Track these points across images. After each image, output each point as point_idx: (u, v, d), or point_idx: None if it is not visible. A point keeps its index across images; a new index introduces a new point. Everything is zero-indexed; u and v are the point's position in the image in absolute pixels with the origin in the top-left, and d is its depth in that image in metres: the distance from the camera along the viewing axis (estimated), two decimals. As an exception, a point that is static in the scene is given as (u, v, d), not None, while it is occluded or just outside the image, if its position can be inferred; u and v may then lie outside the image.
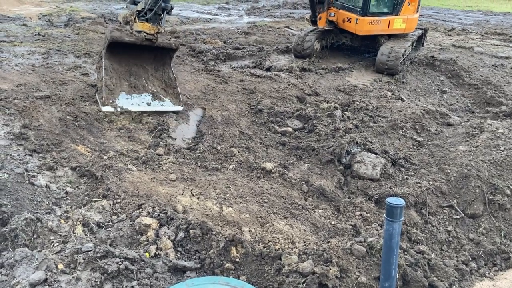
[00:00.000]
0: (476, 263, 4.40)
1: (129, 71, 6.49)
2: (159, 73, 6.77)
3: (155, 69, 6.74)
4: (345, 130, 6.27)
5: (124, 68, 6.43)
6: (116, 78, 6.29)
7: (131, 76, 6.49)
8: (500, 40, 15.09)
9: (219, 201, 4.39)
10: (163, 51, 6.59)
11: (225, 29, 13.97)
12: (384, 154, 5.74)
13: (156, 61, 6.70)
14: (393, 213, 2.95)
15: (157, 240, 3.71)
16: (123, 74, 6.41)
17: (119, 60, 6.33)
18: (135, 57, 6.49)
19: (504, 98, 8.39)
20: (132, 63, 6.47)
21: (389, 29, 10.10)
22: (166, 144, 5.62)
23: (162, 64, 6.77)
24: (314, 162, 5.60)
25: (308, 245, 3.86)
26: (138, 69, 6.57)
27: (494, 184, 5.12)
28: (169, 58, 6.79)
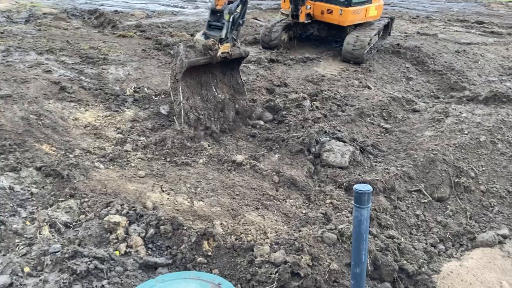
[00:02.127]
0: (444, 245, 4.52)
1: (200, 82, 6.28)
2: (227, 78, 6.62)
3: (222, 73, 6.57)
4: (314, 120, 6.30)
5: (195, 80, 6.21)
6: (190, 95, 6.06)
7: (202, 88, 6.28)
8: (462, 26, 15.45)
9: (189, 196, 4.36)
10: (233, 60, 6.48)
11: (192, 21, 13.81)
12: (352, 142, 5.81)
13: (223, 65, 6.49)
14: (361, 200, 2.99)
15: (127, 237, 3.66)
16: (195, 88, 6.20)
17: (190, 74, 6.08)
18: (205, 66, 6.25)
19: (467, 83, 8.61)
20: (202, 71, 6.24)
21: (366, 17, 10.28)
22: (134, 140, 5.53)
23: (230, 69, 6.62)
24: (284, 152, 5.62)
25: (280, 235, 3.88)
26: (207, 78, 6.37)
27: (459, 167, 5.26)
28: (237, 64, 6.71)
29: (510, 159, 5.44)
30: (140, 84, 7.27)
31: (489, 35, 14.15)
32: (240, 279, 3.44)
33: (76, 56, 8.22)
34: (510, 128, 5.89)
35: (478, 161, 5.39)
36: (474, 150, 5.49)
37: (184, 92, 5.93)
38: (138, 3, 17.38)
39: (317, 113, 6.55)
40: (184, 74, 5.86)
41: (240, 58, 6.54)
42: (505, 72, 9.82)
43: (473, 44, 12.30)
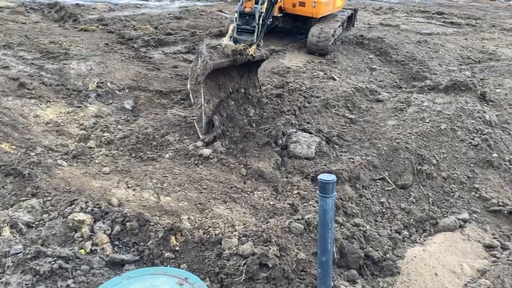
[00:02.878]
0: (408, 231, 4.65)
1: (218, 84, 5.99)
2: (244, 80, 6.30)
3: (240, 75, 6.25)
4: (282, 112, 6.32)
5: (214, 82, 5.92)
6: (211, 98, 5.77)
7: (220, 90, 5.98)
8: (423, 17, 15.82)
9: (156, 191, 4.32)
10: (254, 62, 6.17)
11: (156, 14, 13.60)
12: (318, 133, 5.88)
13: (242, 67, 6.17)
14: (325, 189, 3.04)
15: (93, 235, 3.60)
16: (214, 90, 5.90)
17: (210, 76, 5.81)
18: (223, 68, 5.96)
19: (428, 72, 8.83)
20: (219, 72, 5.93)
21: (334, 8, 10.39)
22: (98, 136, 5.42)
23: (248, 70, 6.32)
24: (251, 145, 5.63)
25: (247, 227, 3.90)
26: (225, 79, 6.06)
27: (421, 155, 5.40)
28: (256, 66, 6.43)
29: (469, 145, 5.62)
30: (103, 79, 7.12)
31: (449, 26, 14.56)
32: (208, 272, 3.45)
33: (35, 51, 7.96)
34: (469, 115, 6.09)
35: (439, 149, 5.55)
36: (435, 138, 5.64)
37: (205, 95, 5.67)
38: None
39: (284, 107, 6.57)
40: (208, 77, 5.62)
41: (260, 61, 6.30)
42: (464, 62, 10.12)
43: (434, 35, 12.62)
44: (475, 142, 5.63)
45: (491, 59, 10.31)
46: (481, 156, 5.51)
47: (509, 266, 4.04)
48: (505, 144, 5.82)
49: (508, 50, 11.27)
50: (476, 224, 4.83)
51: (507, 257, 4.16)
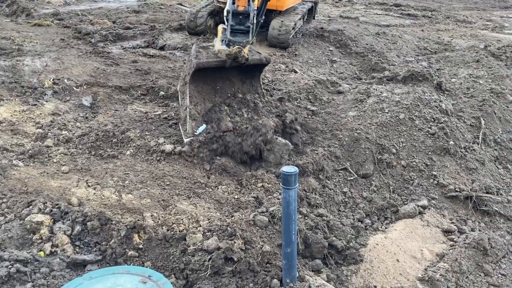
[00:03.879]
0: (370, 219, 4.75)
1: (215, 88, 5.66)
2: (246, 86, 5.96)
3: (241, 81, 5.92)
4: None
5: (209, 85, 5.60)
6: (201, 101, 5.46)
7: (216, 95, 5.64)
8: (381, 9, 16.13)
9: (117, 189, 4.24)
10: (253, 67, 5.84)
11: (114, 8, 13.30)
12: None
13: (243, 72, 5.89)
14: (288, 181, 3.07)
15: (52, 237, 3.50)
16: (208, 94, 5.57)
17: (204, 78, 5.50)
18: (222, 71, 5.63)
19: (386, 64, 9.02)
20: (218, 77, 5.63)
21: (295, 1, 10.42)
22: (55, 135, 5.26)
23: (250, 77, 5.97)
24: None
25: (212, 222, 3.88)
26: (223, 84, 5.73)
27: (381, 144, 5.52)
28: (258, 72, 6.05)
29: (427, 134, 5.79)
30: (59, 76, 6.90)
31: (406, 17, 14.91)
32: (173, 269, 3.41)
33: (-14, 48, 7.64)
34: (426, 105, 6.26)
35: (399, 138, 5.68)
36: (395, 128, 5.78)
37: (193, 97, 5.40)
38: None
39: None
40: (194, 77, 5.32)
41: (260, 65, 5.92)
42: (420, 52, 10.40)
43: (392, 26, 12.90)
44: (432, 130, 5.79)
45: (446, 50, 10.63)
46: (438, 144, 5.68)
47: (466, 249, 4.20)
48: (461, 131, 6.02)
49: (462, 41, 11.66)
50: (435, 210, 4.99)
51: (463, 241, 4.32)
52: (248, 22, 5.58)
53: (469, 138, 6.01)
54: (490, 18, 15.75)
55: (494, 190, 5.27)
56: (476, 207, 5.10)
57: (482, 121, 6.31)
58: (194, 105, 5.40)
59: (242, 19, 5.58)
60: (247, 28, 5.58)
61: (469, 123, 6.28)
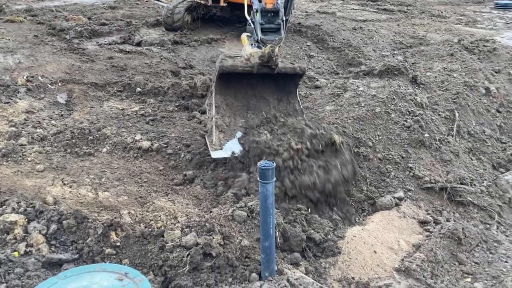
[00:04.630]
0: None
1: (247, 105, 5.22)
2: (283, 104, 5.45)
3: (278, 99, 5.44)
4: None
5: (240, 102, 5.19)
6: (231, 115, 5.06)
7: (249, 111, 5.22)
8: (358, 4, 16.25)
9: (94, 187, 4.19)
10: (287, 77, 5.32)
11: (89, 4, 13.10)
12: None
13: (279, 90, 5.45)
14: (265, 176, 3.09)
15: (27, 236, 3.44)
16: (239, 110, 5.16)
17: (234, 93, 5.12)
18: (254, 87, 5.25)
19: (363, 58, 9.10)
20: (251, 94, 5.22)
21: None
22: (30, 133, 5.16)
23: (286, 93, 5.48)
24: (192, 135, 5.57)
25: (190, 218, 3.87)
26: (257, 102, 5.28)
27: (358, 138, 5.58)
28: (294, 85, 5.50)
29: (402, 127, 5.87)
30: (33, 73, 6.77)
31: (382, 12, 15.05)
32: (152, 266, 3.40)
33: (-45, 45, 7.45)
34: (402, 98, 6.34)
35: (375, 131, 5.75)
36: (371, 121, 5.84)
37: (220, 108, 5.03)
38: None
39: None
40: (219, 85, 4.98)
41: (294, 76, 5.36)
42: (396, 47, 10.52)
43: (368, 21, 13.00)
44: (408, 123, 5.88)
45: (422, 44, 10.77)
46: (414, 136, 5.77)
47: (441, 239, 4.28)
48: (436, 124, 6.12)
49: (437, 35, 11.84)
50: (411, 202, 5.07)
51: (438, 231, 4.41)
52: (278, 19, 5.39)
53: (444, 130, 6.12)
54: (464, 13, 16.04)
55: (468, 181, 5.39)
56: (451, 198, 5.20)
57: (456, 113, 6.43)
58: (221, 116, 5.03)
59: (271, 17, 5.37)
60: (277, 25, 5.37)
61: (444, 116, 6.39)
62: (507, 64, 8.67)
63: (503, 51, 9.44)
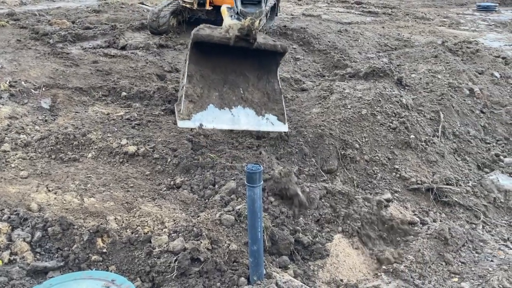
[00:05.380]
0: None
1: (225, 79, 5.12)
2: (262, 82, 5.33)
3: (258, 77, 5.31)
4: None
5: (218, 75, 5.07)
6: (205, 87, 4.92)
7: (225, 85, 5.11)
8: (343, 7, 16.37)
9: (79, 193, 4.13)
10: (268, 55, 5.21)
11: (73, 8, 12.98)
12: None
13: (260, 67, 5.32)
14: (252, 179, 3.08)
15: (11, 244, 3.38)
16: (215, 83, 5.03)
17: (212, 66, 5.00)
18: (234, 62, 5.14)
19: (349, 60, 9.15)
20: (230, 69, 5.11)
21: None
22: (13, 139, 5.08)
23: (267, 71, 5.35)
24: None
25: (178, 223, 3.84)
26: (236, 77, 5.18)
27: (344, 140, 5.60)
28: (275, 64, 5.38)
29: (388, 129, 5.91)
30: (16, 78, 6.67)
31: (367, 15, 15.17)
32: (139, 272, 3.36)
33: None
34: (387, 100, 6.39)
35: (361, 133, 5.78)
36: (357, 123, 5.87)
37: (193, 78, 4.89)
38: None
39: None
40: (195, 54, 4.84)
41: (276, 54, 5.25)
42: (381, 49, 10.61)
43: (354, 24, 13.10)
44: (394, 125, 5.92)
45: (406, 46, 10.88)
46: (400, 138, 5.82)
47: (428, 239, 4.32)
48: (421, 125, 6.18)
49: (421, 37, 11.96)
50: (398, 203, 5.10)
51: (425, 232, 4.44)
52: None
53: (429, 131, 6.18)
54: (447, 15, 16.24)
55: (453, 181, 5.45)
56: (437, 198, 5.25)
57: (441, 114, 6.50)
58: (193, 86, 4.90)
59: None
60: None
61: (429, 117, 6.46)
62: (490, 65, 8.80)
63: (486, 52, 9.58)
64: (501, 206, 5.35)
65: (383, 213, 4.66)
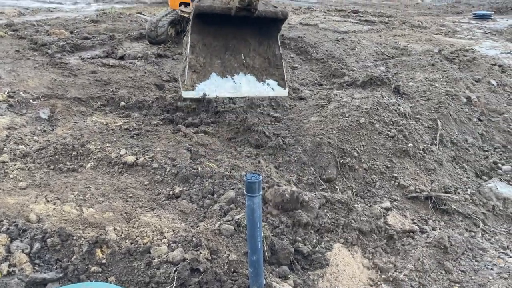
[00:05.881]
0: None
1: (226, 46, 5.24)
2: (263, 48, 5.48)
3: (259, 43, 5.45)
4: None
5: (219, 42, 5.19)
6: (207, 55, 5.06)
7: (227, 52, 5.23)
8: (340, 16, 16.47)
9: (78, 204, 4.13)
10: (269, 22, 5.33)
11: (71, 18, 13.03)
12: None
13: (261, 33, 5.42)
14: (252, 189, 3.08)
15: (9, 256, 3.36)
16: (217, 51, 5.17)
17: (214, 32, 5.09)
18: (235, 28, 5.24)
19: (346, 69, 9.20)
20: (231, 35, 5.21)
21: None
22: (12, 150, 5.08)
23: (268, 37, 5.48)
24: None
25: (177, 233, 3.83)
26: (238, 43, 5.30)
27: (343, 148, 5.61)
28: (276, 30, 5.50)
29: (386, 137, 5.93)
30: (15, 88, 6.68)
31: (364, 23, 15.27)
32: (138, 283, 3.35)
33: None
34: (385, 108, 6.41)
35: (360, 142, 5.79)
36: (356, 132, 5.89)
37: (196, 48, 5.02)
38: (9, 0, 15.96)
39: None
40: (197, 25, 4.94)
41: (277, 21, 5.35)
42: (378, 57, 10.66)
43: (350, 32, 13.17)
44: (392, 133, 5.94)
45: (403, 54, 10.94)
46: (398, 146, 5.83)
47: (427, 248, 4.32)
48: (419, 134, 6.20)
49: (418, 45, 12.03)
50: (397, 211, 5.10)
51: (425, 240, 4.44)
52: None
53: (427, 139, 6.20)
54: (443, 23, 16.35)
55: (452, 189, 5.45)
56: (436, 206, 5.25)
57: (438, 122, 6.52)
58: (196, 56, 5.05)
59: None
60: None
61: (427, 125, 6.48)
62: (486, 73, 8.84)
63: (483, 60, 9.64)
64: (500, 214, 5.35)
65: (382, 221, 4.66)
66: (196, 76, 5.00)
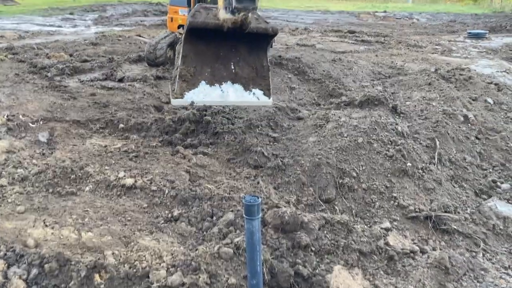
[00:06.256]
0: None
1: (217, 54, 5.49)
2: (252, 58, 5.76)
3: (248, 53, 5.74)
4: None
5: (211, 50, 5.45)
6: (198, 64, 5.32)
7: (218, 61, 5.50)
8: (337, 36, 16.66)
9: (76, 228, 4.11)
10: (260, 37, 5.59)
11: (71, 41, 13.18)
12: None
13: (252, 46, 5.70)
14: (251, 211, 3.07)
15: (6, 282, 3.34)
16: (208, 59, 5.43)
17: (206, 42, 5.33)
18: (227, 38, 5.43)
19: (343, 89, 9.27)
20: (223, 45, 5.46)
21: None
22: (10, 173, 5.07)
23: (257, 49, 5.78)
24: (176, 171, 5.54)
25: (176, 257, 3.81)
26: (228, 52, 5.57)
27: (342, 168, 5.61)
28: (266, 43, 5.84)
29: (385, 157, 5.93)
30: (14, 112, 6.72)
31: (361, 43, 15.45)
32: (137, 308, 3.31)
33: None
34: (383, 128, 6.44)
35: (358, 161, 5.80)
36: (354, 152, 5.89)
37: (187, 58, 5.30)
38: (9, 23, 16.16)
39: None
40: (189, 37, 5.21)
41: (267, 36, 5.64)
42: (375, 77, 10.75)
43: (347, 53, 13.32)
44: (390, 153, 5.94)
45: (400, 74, 11.04)
46: (397, 166, 5.83)
47: (428, 269, 4.28)
48: (417, 153, 6.20)
49: (414, 65, 12.15)
50: (397, 232, 5.07)
51: (425, 261, 4.41)
52: None
53: (426, 158, 6.20)
54: (439, 42, 16.54)
55: (452, 208, 5.43)
56: (436, 226, 5.22)
57: (437, 141, 6.53)
58: (186, 66, 5.32)
59: None
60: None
61: (425, 144, 6.49)
62: (483, 91, 8.91)
63: (479, 79, 9.72)
64: (500, 233, 5.32)
65: (383, 242, 4.63)
66: (185, 85, 5.30)
